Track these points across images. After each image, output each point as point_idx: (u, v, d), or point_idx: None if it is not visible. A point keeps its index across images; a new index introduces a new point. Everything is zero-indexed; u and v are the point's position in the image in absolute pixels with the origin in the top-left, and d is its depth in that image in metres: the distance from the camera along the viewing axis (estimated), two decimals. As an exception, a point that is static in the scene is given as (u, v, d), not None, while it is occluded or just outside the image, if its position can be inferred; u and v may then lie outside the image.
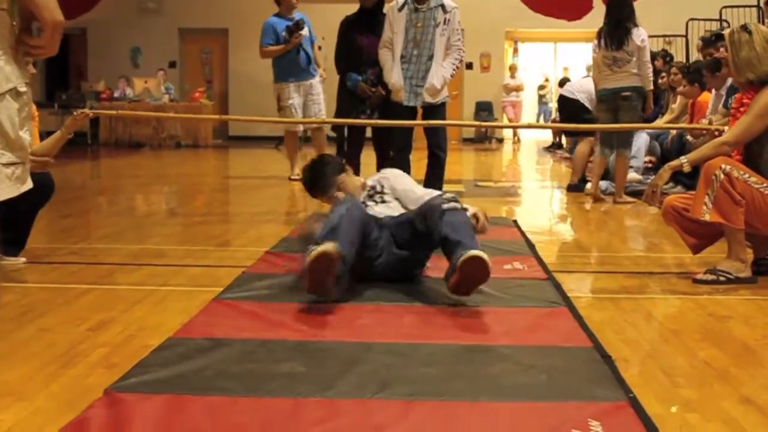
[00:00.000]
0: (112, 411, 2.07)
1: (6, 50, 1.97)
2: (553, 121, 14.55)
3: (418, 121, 5.78)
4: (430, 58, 5.65)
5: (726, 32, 4.05)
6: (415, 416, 2.08)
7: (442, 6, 5.67)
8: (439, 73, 5.66)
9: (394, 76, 5.66)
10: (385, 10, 5.99)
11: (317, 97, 8.34)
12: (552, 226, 6.20)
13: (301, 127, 8.65)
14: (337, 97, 6.37)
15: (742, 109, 3.91)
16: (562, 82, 14.25)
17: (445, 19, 5.64)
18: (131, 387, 2.22)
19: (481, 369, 2.45)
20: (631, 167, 7.25)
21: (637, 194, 6.80)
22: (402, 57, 5.67)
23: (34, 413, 2.12)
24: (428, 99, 5.71)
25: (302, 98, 8.29)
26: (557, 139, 14.90)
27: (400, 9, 5.68)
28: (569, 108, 7.98)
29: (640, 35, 6.71)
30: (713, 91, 7.28)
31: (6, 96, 1.95)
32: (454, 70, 5.77)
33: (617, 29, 6.73)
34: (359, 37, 6.06)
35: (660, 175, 3.96)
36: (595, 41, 6.93)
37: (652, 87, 6.96)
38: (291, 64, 8.20)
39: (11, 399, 2.21)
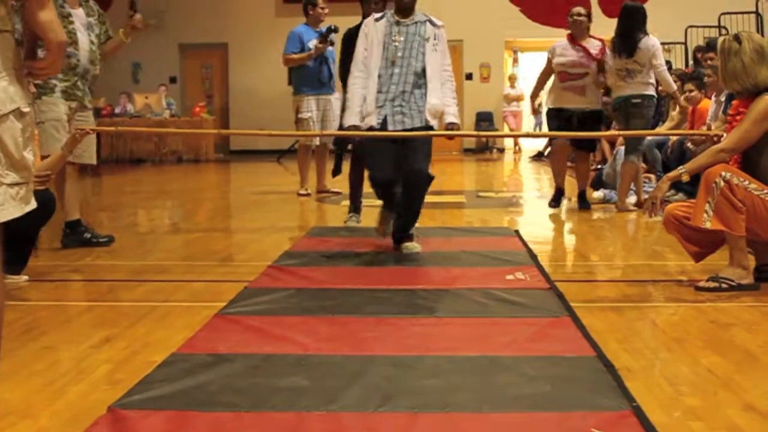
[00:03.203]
0: (116, 428, 2.07)
1: (9, 71, 1.99)
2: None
3: (438, 132, 4.78)
4: (416, 74, 4.73)
5: (719, 40, 4.06)
6: (419, 429, 2.08)
7: (430, 21, 4.86)
8: (448, 96, 4.79)
9: (350, 118, 4.77)
10: None
11: (334, 115, 7.97)
12: (554, 236, 6.20)
13: (317, 141, 8.46)
14: (341, 111, 6.36)
15: (738, 117, 3.92)
16: None
17: (435, 35, 4.82)
18: (135, 404, 2.23)
19: (484, 380, 2.46)
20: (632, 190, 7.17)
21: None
22: (378, 77, 4.76)
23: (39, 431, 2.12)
24: (416, 123, 4.71)
25: (320, 112, 8.15)
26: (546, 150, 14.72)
27: (378, 20, 4.89)
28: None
29: (648, 44, 6.71)
30: (713, 98, 7.30)
31: (9, 116, 1.97)
32: (456, 105, 4.87)
33: (628, 38, 6.73)
34: (361, 50, 6.03)
35: (659, 187, 3.97)
36: (609, 51, 6.97)
37: (674, 87, 7.10)
38: (312, 77, 8.07)
39: (15, 417, 2.21)
